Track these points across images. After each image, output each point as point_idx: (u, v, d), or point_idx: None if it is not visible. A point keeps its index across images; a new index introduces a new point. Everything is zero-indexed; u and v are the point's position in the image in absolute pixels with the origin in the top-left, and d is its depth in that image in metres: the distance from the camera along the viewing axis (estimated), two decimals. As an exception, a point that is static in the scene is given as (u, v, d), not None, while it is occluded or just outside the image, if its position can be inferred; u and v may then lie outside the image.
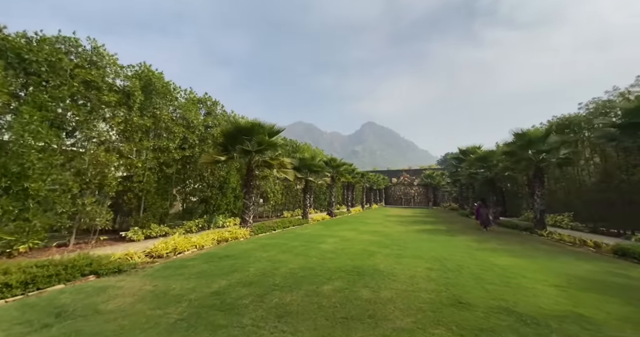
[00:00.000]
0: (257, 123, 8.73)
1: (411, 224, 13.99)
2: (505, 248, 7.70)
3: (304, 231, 10.80)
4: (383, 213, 23.01)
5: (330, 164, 17.83)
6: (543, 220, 10.73)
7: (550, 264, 5.87)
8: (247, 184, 9.25)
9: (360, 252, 6.74)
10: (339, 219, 16.26)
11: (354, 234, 10.14)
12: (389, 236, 9.83)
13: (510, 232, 11.51)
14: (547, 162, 10.72)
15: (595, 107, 11.07)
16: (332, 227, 12.29)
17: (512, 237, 9.90)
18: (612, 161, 11.14)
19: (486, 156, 14.77)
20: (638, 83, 9.58)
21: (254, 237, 8.76)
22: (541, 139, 10.62)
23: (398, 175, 43.03)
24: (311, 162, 13.29)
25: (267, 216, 16.23)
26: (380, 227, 12.37)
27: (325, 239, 8.68)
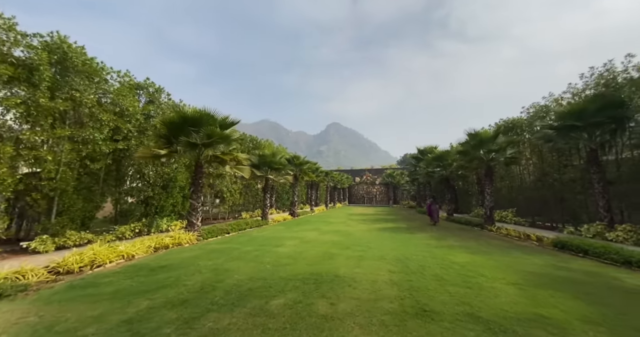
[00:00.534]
0: (207, 113, 7.70)
1: (373, 223, 13.98)
2: (461, 245, 7.84)
3: (262, 233, 9.98)
4: (346, 212, 23.03)
5: (293, 162, 17.14)
6: (492, 216, 11.40)
7: (504, 260, 5.98)
8: (195, 182, 8.16)
9: (320, 256, 6.21)
10: (301, 219, 15.67)
11: (316, 234, 9.63)
12: (351, 235, 9.52)
13: (464, 228, 12.06)
14: (496, 161, 11.42)
15: (535, 112, 12.13)
16: (293, 227, 11.64)
17: (466, 233, 10.28)
18: (547, 161, 12.32)
19: (442, 156, 15.44)
20: (569, 90, 10.66)
21: (202, 243, 7.73)
22: (491, 139, 11.26)
23: (361, 174, 43.94)
24: (272, 159, 12.47)
25: (224, 218, 14.97)
26: (342, 227, 12.07)
27: (284, 242, 8.01)
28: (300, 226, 12.40)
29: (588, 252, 6.22)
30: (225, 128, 8.34)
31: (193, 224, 8.03)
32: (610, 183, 9.16)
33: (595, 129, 8.97)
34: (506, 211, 13.98)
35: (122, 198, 8.85)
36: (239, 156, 8.49)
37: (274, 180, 13.11)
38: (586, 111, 8.78)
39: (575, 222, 11.07)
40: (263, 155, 12.50)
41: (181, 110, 7.60)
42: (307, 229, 11.03)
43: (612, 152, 9.64)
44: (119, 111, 7.89)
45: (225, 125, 8.36)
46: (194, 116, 7.58)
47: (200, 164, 8.27)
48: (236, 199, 15.21)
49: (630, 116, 8.53)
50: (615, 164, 9.43)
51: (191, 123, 7.64)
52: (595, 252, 6.04)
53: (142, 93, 9.47)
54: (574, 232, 9.41)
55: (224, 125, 8.32)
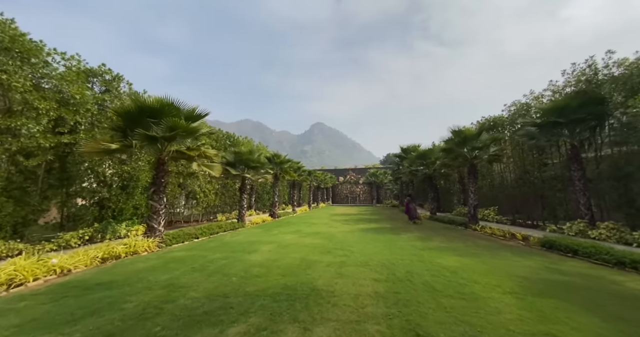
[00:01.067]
0: (169, 103, 6.75)
1: (356, 223, 13.46)
2: (448, 246, 7.43)
3: (235, 237, 9.11)
4: (329, 212, 22.46)
5: (273, 160, 16.29)
6: (476, 215, 11.21)
7: (494, 263, 5.57)
8: (157, 182, 7.18)
9: (297, 264, 5.51)
10: (281, 221, 14.86)
11: (295, 237, 8.91)
12: (333, 237, 8.89)
13: (448, 227, 11.81)
14: (479, 158, 11.24)
15: (517, 109, 12.10)
16: (271, 230, 10.84)
17: (451, 233, 9.97)
18: (528, 159, 12.35)
19: (425, 154, 15.22)
20: (550, 88, 10.66)
21: (163, 250, 6.78)
22: (475, 136, 11.05)
23: (345, 174, 43.65)
24: (248, 157, 11.59)
25: (197, 220, 13.87)
26: (325, 228, 11.43)
27: (259, 247, 7.23)
28: (279, 228, 11.62)
29: (577, 252, 5.96)
30: (192, 120, 7.42)
31: (154, 228, 7.05)
32: (590, 181, 9.16)
33: (576, 126, 8.92)
34: (488, 209, 13.95)
35: (69, 200, 7.66)
36: (208, 152, 7.57)
37: (252, 179, 12.23)
38: (568, 108, 8.69)
39: (555, 220, 11.14)
40: (239, 153, 11.59)
41: (139, 99, 6.60)
42: (286, 232, 10.28)
43: (592, 150, 9.68)
44: (63, 99, 6.75)
45: (193, 118, 7.43)
46: (153, 106, 6.61)
47: (163, 160, 7.30)
48: (211, 199, 14.15)
49: (610, 113, 8.53)
50: (594, 162, 9.47)
51: (151, 114, 6.67)
52: (585, 252, 5.78)
53: (97, 81, 8.31)
54: (557, 230, 9.34)
55: (191, 117, 7.39)
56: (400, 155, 20.61)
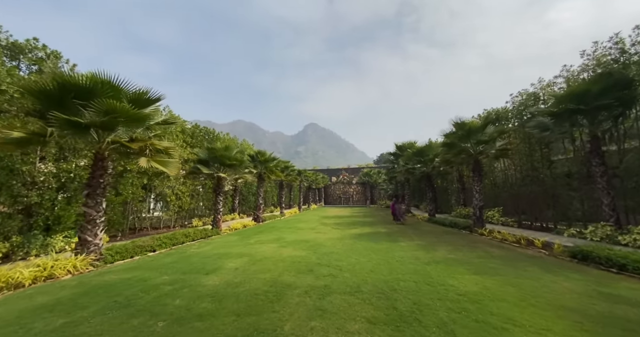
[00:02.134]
0: (105, 80, 5.22)
1: (349, 227, 12.08)
2: (458, 258, 6.10)
3: (203, 248, 7.60)
4: (320, 214, 21.03)
5: (257, 158, 14.80)
6: (482, 217, 9.97)
7: (526, 286, 4.24)
8: (92, 182, 5.63)
9: (265, 291, 4.07)
10: (265, 226, 13.37)
11: (274, 248, 7.46)
12: (320, 247, 7.47)
13: (451, 231, 10.53)
14: (485, 154, 10.01)
15: (524, 99, 10.91)
16: (249, 238, 9.35)
17: (456, 239, 8.68)
18: (536, 155, 11.18)
19: (423, 150, 13.98)
20: (563, 74, 9.53)
21: (96, 271, 5.24)
22: (480, 129, 9.82)
23: (337, 174, 42.33)
24: (223, 153, 10.06)
25: (169, 226, 12.25)
26: (312, 235, 10.00)
27: (224, 263, 5.75)
28: (260, 235, 10.14)
29: (626, 267, 4.69)
30: (140, 105, 5.89)
31: (87, 242, 5.49)
32: (617, 176, 8.00)
33: (598, 114, 7.75)
34: (492, 210, 12.77)
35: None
36: (158, 144, 6.02)
37: (228, 179, 10.72)
38: (589, 93, 7.49)
39: (568, 222, 10.00)
40: (213, 149, 10.06)
41: (60, 75, 5.05)
42: (265, 240, 8.81)
43: (612, 142, 8.54)
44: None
45: (141, 102, 5.90)
46: (81, 83, 5.07)
47: (102, 155, 5.76)
48: (185, 202, 12.57)
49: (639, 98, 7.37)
50: (617, 156, 8.32)
51: (78, 94, 5.13)
52: (638, 267, 4.52)
53: (23, 58, 6.71)
54: (575, 235, 8.14)
55: (139, 101, 5.85)
56: (396, 153, 19.36)
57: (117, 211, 8.82)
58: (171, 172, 6.35)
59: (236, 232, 11.01)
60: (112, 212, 8.56)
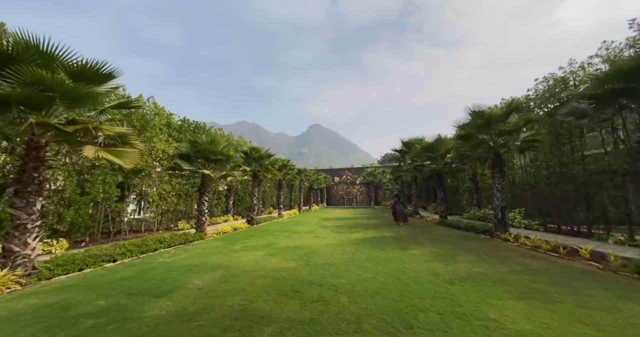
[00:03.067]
0: (31, 44, 4.07)
1: (351, 231, 10.79)
2: (486, 273, 4.79)
3: (175, 257, 6.39)
4: (321, 216, 19.76)
5: (250, 155, 13.61)
6: (505, 220, 8.60)
7: (600, 320, 2.93)
8: (23, 177, 4.46)
9: (224, 328, 2.83)
10: (258, 229, 12.15)
11: (260, 257, 6.23)
12: (314, 256, 6.22)
13: (468, 236, 9.17)
14: (508, 146, 8.66)
15: (554, 84, 9.50)
16: (235, 243, 8.14)
17: (476, 246, 7.34)
18: (565, 148, 9.77)
19: (433, 146, 12.63)
20: (601, 53, 8.15)
21: (23, 291, 4.05)
22: (502, 118, 8.48)
23: (340, 174, 41.01)
24: (208, 147, 8.88)
25: (152, 229, 11.10)
26: (308, 240, 8.74)
27: (188, 280, 4.54)
28: (248, 239, 8.92)
29: None
30: (89, 81, 4.71)
31: (13, 253, 4.32)
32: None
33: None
34: (512, 211, 11.36)
35: None
36: (106, 129, 4.77)
37: (214, 177, 9.53)
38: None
39: (606, 226, 8.59)
40: (195, 143, 8.87)
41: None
42: (253, 247, 7.58)
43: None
44: None
45: (88, 77, 4.72)
46: (0, 48, 3.92)
47: (37, 143, 4.59)
48: (171, 203, 11.42)
49: None
50: (673, 146, 6.91)
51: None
52: None
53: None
54: (625, 242, 6.75)
55: (86, 75, 4.68)
56: (402, 150, 17.99)
57: (84, 212, 7.67)
58: (126, 165, 5.14)
59: (223, 236, 9.80)
60: (76, 214, 7.41)
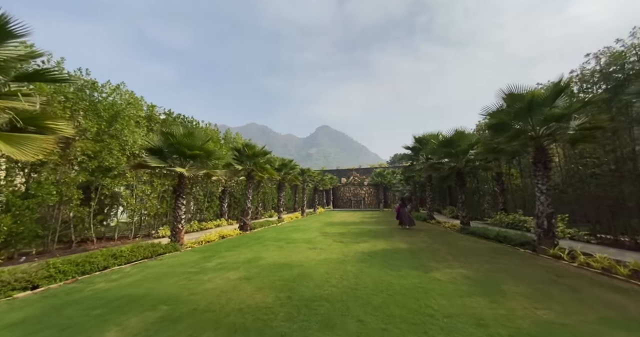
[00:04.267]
0: None
1: (356, 240, 9.11)
2: (566, 324, 3.05)
3: (122, 280, 4.88)
4: (326, 220, 18.10)
5: (243, 152, 12.12)
6: (553, 231, 6.73)
7: None
8: None
9: None
10: (250, 236, 10.60)
11: (232, 281, 4.66)
12: (304, 282, 4.59)
13: (501, 249, 7.35)
14: (555, 136, 6.81)
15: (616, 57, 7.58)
16: (211, 258, 6.59)
17: (521, 267, 5.55)
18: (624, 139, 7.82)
19: (453, 140, 10.80)
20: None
21: None
22: (548, 100, 6.65)
23: (348, 174, 39.25)
24: (183, 140, 7.40)
25: (128, 237, 9.71)
26: (302, 253, 7.13)
27: (104, 327, 2.99)
28: (232, 251, 7.37)
29: None
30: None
31: None
32: None
33: None
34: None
35: None
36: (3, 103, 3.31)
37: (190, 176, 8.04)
38: None
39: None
40: (168, 135, 7.40)
41: None
42: (231, 263, 6.01)
43: None
44: None
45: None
46: None
47: None
48: (151, 207, 10.04)
49: None
50: None
51: None
52: None
53: None
54: None
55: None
56: (414, 147, 16.16)
57: (28, 219, 6.29)
58: (26, 157, 3.65)
59: (204, 247, 8.28)
60: (15, 221, 6.03)
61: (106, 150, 7.89)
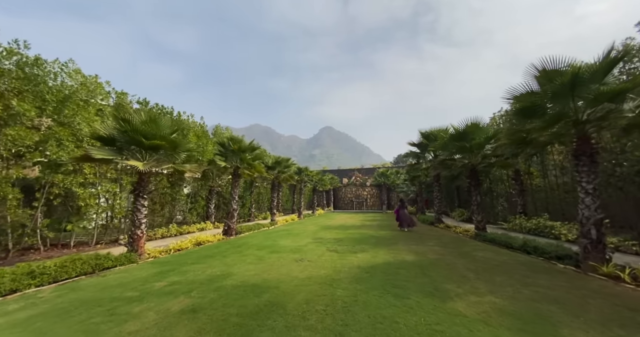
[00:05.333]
0: None
1: (354, 248, 7.69)
2: None
3: (25, 312, 3.54)
4: (324, 223, 16.67)
5: (228, 147, 10.78)
6: (604, 242, 5.25)
7: None
8: None
9: None
10: (232, 243, 9.23)
11: (175, 313, 3.29)
12: (273, 315, 3.20)
13: (534, 264, 5.87)
14: (608, 121, 5.33)
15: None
16: (167, 275, 5.22)
17: (571, 292, 4.09)
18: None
19: (468, 132, 9.32)
20: None
21: None
22: (597, 75, 5.19)
23: (349, 175, 37.79)
24: (141, 128, 6.06)
25: (88, 243, 8.40)
26: (285, 266, 5.73)
27: None
28: (200, 263, 6.00)
29: None
30: None
31: None
32: None
33: None
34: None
35: None
36: None
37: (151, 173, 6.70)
38: None
39: None
40: (123, 120, 6.05)
41: None
42: (185, 284, 4.64)
43: None
44: None
45: None
46: None
47: None
48: (119, 210, 8.73)
49: None
50: None
51: None
52: None
53: None
54: None
55: None
56: (421, 143, 14.70)
57: None
58: None
59: (171, 256, 6.92)
60: None
61: (53, 141, 6.59)
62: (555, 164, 10.54)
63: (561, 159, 10.26)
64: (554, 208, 10.48)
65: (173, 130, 6.95)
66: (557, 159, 10.51)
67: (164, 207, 10.93)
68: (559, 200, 10.36)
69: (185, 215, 12.15)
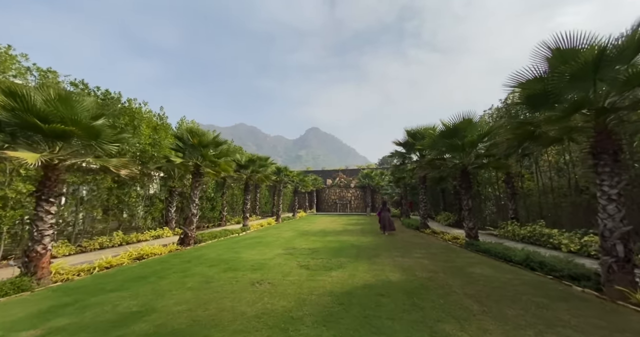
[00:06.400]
0: None
1: (330, 262, 6.37)
2: None
3: None
4: (302, 227, 15.30)
5: (187, 141, 9.19)
6: (632, 260, 4.24)
7: None
8: None
9: None
10: (183, 256, 7.67)
11: None
12: None
13: (546, 286, 4.80)
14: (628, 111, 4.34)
15: None
16: (66, 309, 3.67)
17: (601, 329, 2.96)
18: None
19: (460, 129, 8.27)
20: None
21: None
22: (628, 53, 4.18)
23: (333, 176, 36.68)
24: (34, 109, 4.47)
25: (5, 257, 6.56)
26: (235, 294, 4.33)
27: None
28: (120, 291, 4.46)
29: None
30: None
31: None
32: None
33: None
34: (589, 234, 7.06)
35: None
36: None
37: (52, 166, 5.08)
38: None
39: None
40: (13, 95, 4.43)
41: None
42: (82, 331, 3.13)
43: None
44: None
45: None
46: None
47: None
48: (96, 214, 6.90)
49: None
50: None
51: None
52: None
53: None
54: None
55: None
56: (407, 142, 13.72)
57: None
58: None
59: (91, 278, 5.30)
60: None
61: None
62: (551, 166, 9.76)
63: (557, 160, 9.48)
64: (548, 214, 9.69)
65: (96, 115, 5.35)
66: (552, 161, 9.73)
67: (107, 211, 9.16)
68: (553, 205, 9.57)
69: (138, 220, 10.39)
